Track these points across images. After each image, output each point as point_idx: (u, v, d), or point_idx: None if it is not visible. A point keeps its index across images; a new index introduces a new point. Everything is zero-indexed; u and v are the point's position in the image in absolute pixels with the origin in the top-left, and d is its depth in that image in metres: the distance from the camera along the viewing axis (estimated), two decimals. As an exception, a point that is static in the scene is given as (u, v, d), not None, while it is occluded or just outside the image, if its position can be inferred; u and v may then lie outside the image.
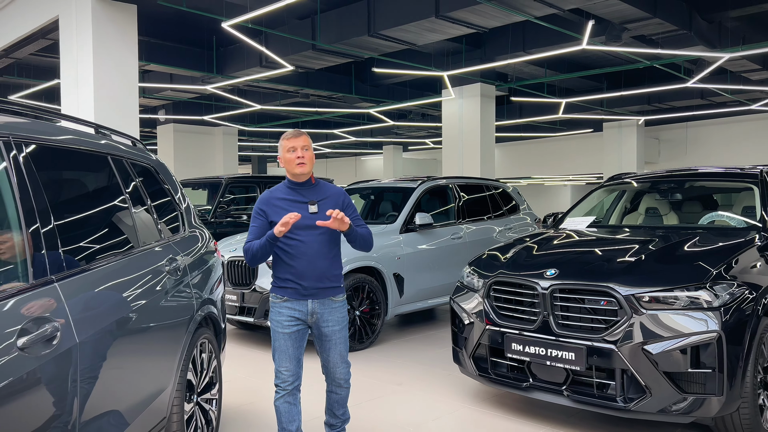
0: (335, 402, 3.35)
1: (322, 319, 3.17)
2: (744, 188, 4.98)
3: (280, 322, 3.15)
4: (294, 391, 3.17)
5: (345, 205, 3.25)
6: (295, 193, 3.19)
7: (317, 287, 3.14)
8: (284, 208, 3.12)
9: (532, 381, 3.86)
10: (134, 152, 3.35)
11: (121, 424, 2.42)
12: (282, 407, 3.15)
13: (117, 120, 7.08)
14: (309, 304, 3.15)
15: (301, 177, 3.18)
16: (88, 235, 2.56)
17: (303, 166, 3.14)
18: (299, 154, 3.13)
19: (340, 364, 3.27)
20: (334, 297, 3.21)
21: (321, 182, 3.30)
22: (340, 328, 3.23)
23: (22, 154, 2.18)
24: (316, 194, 3.21)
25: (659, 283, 3.57)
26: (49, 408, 1.94)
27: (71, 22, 7.38)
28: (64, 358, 2.02)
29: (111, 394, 2.34)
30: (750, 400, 3.48)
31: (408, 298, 6.57)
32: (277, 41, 10.07)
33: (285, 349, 3.14)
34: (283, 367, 3.14)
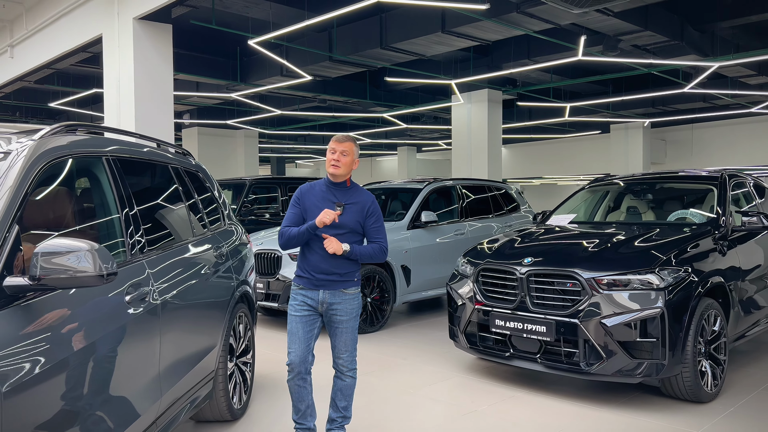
0: (339, 390, 3.51)
1: (331, 308, 3.40)
2: (706, 189, 5.67)
3: (294, 306, 3.43)
4: (303, 375, 3.42)
5: (368, 212, 3.44)
6: (329, 192, 3.44)
7: (328, 280, 3.38)
8: (316, 204, 3.40)
9: (512, 351, 4.61)
10: (185, 160, 4.16)
11: (187, 367, 3.22)
12: (293, 388, 3.44)
13: (155, 126, 7.90)
14: (320, 294, 3.39)
15: (335, 178, 3.43)
16: (160, 224, 3.36)
17: (336, 168, 3.38)
18: (336, 157, 3.37)
19: (344, 352, 3.45)
20: (345, 289, 3.42)
21: (356, 187, 3.51)
22: (347, 318, 3.42)
23: (116, 166, 2.98)
24: (348, 197, 3.43)
25: (615, 268, 4.31)
26: (144, 345, 2.74)
27: (114, 39, 8.23)
28: (152, 312, 2.82)
29: (181, 344, 3.13)
30: (690, 366, 4.20)
31: (414, 288, 7.33)
32: (296, 53, 10.89)
33: (295, 331, 3.40)
34: (292, 348, 3.40)
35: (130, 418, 2.59)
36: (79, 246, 2.04)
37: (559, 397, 4.52)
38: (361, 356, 5.63)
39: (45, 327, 2.07)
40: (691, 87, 12.70)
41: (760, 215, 5.14)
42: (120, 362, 2.51)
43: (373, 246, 3.45)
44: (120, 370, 2.51)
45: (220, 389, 3.78)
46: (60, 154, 2.51)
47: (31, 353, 1.96)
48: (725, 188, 5.44)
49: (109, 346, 2.43)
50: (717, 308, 4.52)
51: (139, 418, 2.65)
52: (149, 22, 7.97)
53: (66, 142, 2.61)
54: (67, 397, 2.13)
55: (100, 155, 2.88)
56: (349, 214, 3.38)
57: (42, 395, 1.98)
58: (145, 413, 2.72)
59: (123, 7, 8.03)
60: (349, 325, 3.44)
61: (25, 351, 1.94)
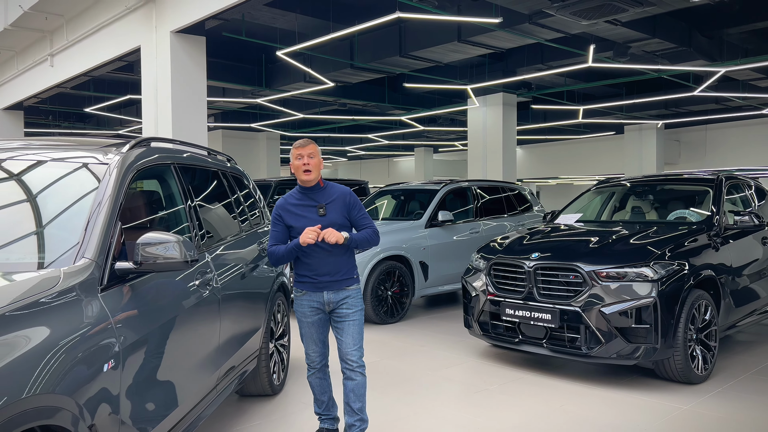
0: (351, 390, 3.47)
1: (337, 306, 3.48)
2: (704, 190, 6.12)
3: (303, 313, 3.50)
4: (323, 368, 3.57)
5: (350, 205, 3.49)
6: (305, 197, 3.46)
7: (330, 280, 3.44)
8: (297, 213, 3.43)
9: (521, 337, 5.11)
10: (230, 165, 4.71)
11: (238, 344, 3.77)
12: (314, 382, 3.60)
13: (190, 132, 8.50)
14: (324, 295, 3.45)
15: (308, 183, 3.44)
16: (214, 221, 3.92)
17: (309, 173, 3.40)
18: (305, 161, 3.38)
19: (353, 347, 3.47)
20: (347, 287, 3.49)
21: (329, 184, 3.54)
22: (352, 312, 3.48)
23: (181, 172, 3.54)
24: (325, 197, 3.46)
25: (614, 262, 4.79)
26: (209, 322, 3.29)
27: (151, 51, 8.84)
28: (214, 294, 3.37)
29: (234, 323, 3.69)
30: (681, 350, 4.67)
31: (432, 282, 7.85)
32: (319, 61, 11.45)
33: (310, 335, 3.53)
34: (311, 349, 3.55)
35: (204, 377, 3.15)
36: (168, 238, 2.59)
37: (563, 379, 5.01)
38: (382, 343, 6.20)
39: (144, 301, 2.62)
40: (701, 90, 13.05)
41: (751, 214, 5.59)
42: (194, 332, 3.07)
43: (367, 231, 3.51)
44: (194, 339, 3.07)
45: (263, 366, 4.33)
46: (142, 164, 3.06)
47: (137, 320, 2.51)
48: (720, 189, 5.88)
49: (187, 318, 2.99)
50: (708, 299, 4.98)
51: (209, 377, 3.21)
52: (185, 34, 8.56)
53: (145, 153, 3.16)
54: (161, 353, 2.69)
55: (169, 163, 3.44)
56: (333, 211, 3.43)
57: (145, 351, 2.53)
58: (210, 377, 3.28)
59: (160, 21, 8.63)
60: (355, 317, 3.49)
61: (134, 318, 2.49)
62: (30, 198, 2.68)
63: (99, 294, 2.34)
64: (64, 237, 2.46)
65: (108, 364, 2.22)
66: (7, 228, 2.53)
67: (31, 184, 2.75)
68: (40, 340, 1.94)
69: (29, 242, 2.48)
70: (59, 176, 2.79)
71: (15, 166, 2.84)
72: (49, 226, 2.56)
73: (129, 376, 2.38)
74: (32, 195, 2.69)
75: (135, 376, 2.42)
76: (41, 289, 2.10)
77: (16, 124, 15.30)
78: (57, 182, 2.75)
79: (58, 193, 2.73)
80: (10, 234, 2.49)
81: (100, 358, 2.19)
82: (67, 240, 2.44)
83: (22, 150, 2.99)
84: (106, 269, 2.43)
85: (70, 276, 2.25)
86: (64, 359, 1.99)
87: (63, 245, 2.42)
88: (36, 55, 12.48)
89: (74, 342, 2.07)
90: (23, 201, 2.67)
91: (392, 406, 4.39)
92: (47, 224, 2.57)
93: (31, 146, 3.07)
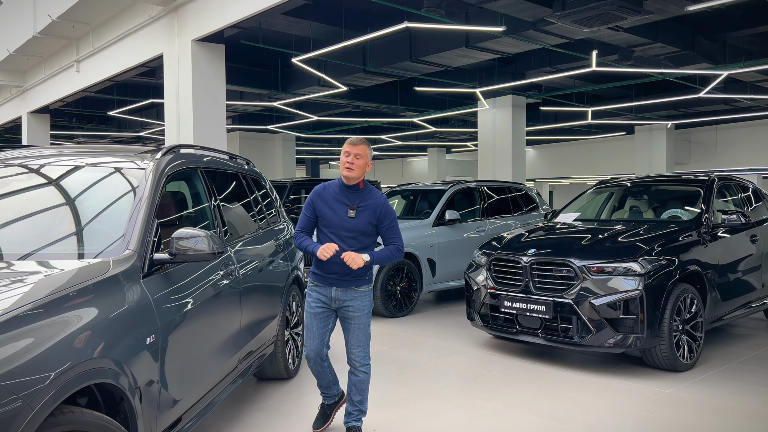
0: (353, 385, 3.64)
1: (344, 305, 3.54)
2: (695, 191, 6.44)
3: (309, 303, 3.62)
4: (320, 362, 3.67)
5: (381, 215, 3.52)
6: (342, 194, 3.53)
7: (339, 278, 3.50)
8: (330, 206, 3.51)
9: (518, 327, 5.49)
10: (249, 168, 5.14)
11: (257, 329, 4.19)
12: (314, 370, 3.74)
13: (210, 135, 8.96)
14: (333, 291, 3.53)
15: (348, 180, 3.50)
16: (235, 219, 4.34)
17: (350, 171, 3.45)
18: (350, 160, 3.45)
19: (356, 348, 3.57)
20: (357, 287, 3.53)
21: (369, 188, 3.57)
22: (359, 315, 3.54)
23: (207, 175, 3.97)
24: (360, 199, 3.51)
25: (604, 257, 5.15)
26: (231, 308, 3.71)
27: (173, 58, 9.31)
28: (235, 284, 3.79)
29: (253, 311, 4.10)
30: (667, 340, 5.01)
31: (439, 278, 8.23)
32: (333, 66, 11.87)
33: (310, 326, 3.61)
34: (308, 342, 3.64)
35: (226, 357, 3.58)
36: (198, 233, 3.00)
37: (557, 366, 5.38)
38: (391, 335, 6.59)
39: (178, 287, 3.05)
40: (707, 92, 13.28)
41: (738, 213, 5.91)
42: (218, 317, 3.50)
43: (390, 248, 3.56)
44: (218, 323, 3.50)
45: (280, 351, 4.75)
46: (173, 169, 3.49)
47: (172, 303, 2.93)
48: (710, 190, 6.21)
49: (213, 304, 3.42)
50: (693, 292, 5.32)
51: (231, 358, 3.64)
52: (205, 43, 9.02)
53: (175, 159, 3.59)
54: (191, 333, 3.11)
55: (196, 167, 3.87)
56: (362, 216, 3.48)
57: (179, 330, 2.96)
58: (231, 358, 3.70)
59: (182, 30, 9.10)
60: (361, 321, 3.54)
61: (170, 301, 2.92)
62: (82, 198, 3.12)
63: (141, 280, 2.76)
64: (112, 232, 2.89)
65: (150, 338, 2.65)
66: (64, 223, 2.97)
67: (82, 187, 3.19)
68: (97, 314, 2.36)
69: (84, 235, 2.91)
70: (105, 180, 3.22)
71: (69, 171, 3.28)
72: (99, 223, 2.99)
73: (166, 349, 2.80)
74: (83, 195, 3.13)
75: (170, 350, 2.84)
76: (96, 274, 2.52)
77: (43, 126, 15.92)
78: (103, 185, 3.19)
79: (104, 193, 3.16)
80: (67, 228, 2.93)
81: (144, 332, 2.62)
82: (114, 234, 2.87)
83: (71, 156, 3.43)
84: (146, 259, 2.85)
85: (118, 264, 2.68)
86: (116, 331, 2.42)
87: (111, 239, 2.85)
88: (63, 61, 13.05)
89: (123, 317, 2.50)
90: (77, 200, 3.11)
91: (397, 388, 4.79)
92: (98, 221, 3.00)
93: (79, 153, 3.51)
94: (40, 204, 3.09)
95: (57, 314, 2.19)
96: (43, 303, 2.18)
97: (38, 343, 2.04)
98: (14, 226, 2.95)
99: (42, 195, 3.14)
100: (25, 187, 3.20)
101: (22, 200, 3.14)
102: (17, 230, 2.93)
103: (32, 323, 2.08)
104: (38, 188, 3.18)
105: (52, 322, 2.15)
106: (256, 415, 4.19)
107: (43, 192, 3.16)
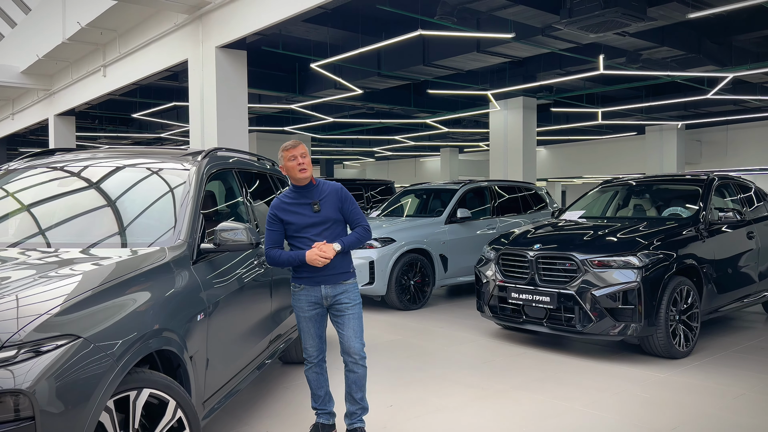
0: (353, 382, 3.61)
1: (335, 300, 3.57)
2: (694, 189, 6.78)
3: (301, 308, 3.60)
4: (320, 363, 3.68)
5: (342, 199, 3.59)
6: (300, 195, 3.57)
7: (327, 274, 3.53)
8: (293, 211, 3.54)
9: (524, 317, 5.87)
10: (274, 168, 5.57)
11: (284, 315, 4.60)
12: (311, 376, 3.69)
13: (233, 137, 9.42)
14: (322, 289, 3.55)
15: (303, 181, 3.54)
16: (265, 214, 4.77)
17: (304, 172, 3.50)
18: (299, 161, 3.48)
19: (354, 339, 3.56)
20: (344, 281, 3.58)
21: (320, 182, 3.63)
22: (352, 305, 3.58)
23: (243, 177, 4.40)
24: (318, 194, 3.56)
25: (604, 251, 5.52)
26: (264, 293, 4.14)
27: (198, 64, 9.78)
28: (267, 273, 4.22)
29: (281, 297, 4.53)
30: (663, 329, 5.37)
31: (451, 274, 8.62)
32: (348, 70, 12.30)
33: (308, 329, 3.62)
34: (309, 344, 3.64)
35: (259, 337, 4.01)
36: (238, 226, 3.42)
37: (560, 354, 5.76)
38: (405, 326, 7.00)
39: (220, 272, 3.48)
40: (714, 93, 13.55)
41: (734, 211, 6.25)
42: (253, 300, 3.93)
43: (358, 230, 3.61)
44: (253, 306, 3.93)
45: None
46: (212, 169, 3.92)
47: (216, 286, 3.36)
48: (709, 189, 6.55)
49: (249, 289, 3.85)
50: (689, 285, 5.67)
51: (263, 339, 4.07)
52: (228, 49, 9.47)
53: (213, 161, 4.02)
54: (232, 313, 3.54)
55: (231, 168, 4.30)
56: (327, 207, 3.55)
57: (222, 310, 3.38)
58: (263, 339, 4.13)
59: (206, 36, 9.56)
60: (355, 311, 3.58)
61: (214, 284, 3.35)
62: (138, 195, 3.57)
63: (191, 266, 3.19)
64: (164, 225, 3.33)
65: (200, 315, 3.08)
66: (126, 216, 3.42)
67: (138, 186, 3.64)
68: (158, 292, 2.80)
69: (142, 227, 3.35)
70: (156, 179, 3.67)
71: (125, 172, 3.74)
72: (153, 217, 3.43)
73: (212, 325, 3.23)
74: (139, 193, 3.59)
75: (215, 327, 3.27)
76: (156, 260, 2.96)
77: (69, 128, 16.51)
78: (155, 184, 3.64)
79: (156, 191, 3.61)
80: (128, 221, 3.38)
81: (195, 309, 3.05)
82: (166, 227, 3.31)
83: (124, 158, 3.88)
84: (195, 248, 3.28)
85: (172, 251, 3.11)
86: (173, 307, 2.85)
87: (164, 230, 3.29)
88: (90, 65, 13.60)
89: (180, 297, 2.93)
90: (134, 197, 3.56)
91: (411, 372, 5.20)
92: (152, 215, 3.44)
93: (130, 155, 3.97)
94: (102, 201, 3.54)
95: (130, 292, 2.63)
96: (119, 282, 2.61)
97: (118, 314, 2.48)
98: (83, 218, 3.41)
99: (103, 193, 3.59)
100: (89, 185, 3.65)
101: (87, 197, 3.59)
102: (86, 222, 3.38)
103: (113, 298, 2.52)
104: (99, 187, 3.62)
105: (127, 298, 2.59)
106: (282, 393, 4.62)
107: (104, 190, 3.60)
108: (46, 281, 2.47)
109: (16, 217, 3.52)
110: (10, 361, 2.03)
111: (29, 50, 14.67)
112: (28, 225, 3.43)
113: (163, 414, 2.61)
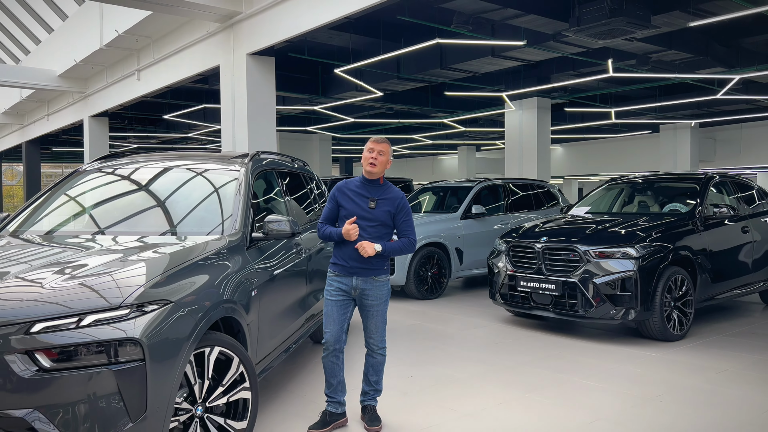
0: (370, 366, 3.86)
1: (363, 294, 3.72)
2: (693, 187, 7.29)
3: (330, 292, 3.78)
4: (336, 353, 3.78)
5: (398, 208, 3.72)
6: (363, 188, 3.74)
7: (360, 267, 3.69)
8: (351, 198, 3.72)
9: (532, 303, 6.44)
10: (306, 168, 6.20)
11: (317, 298, 5.24)
12: (327, 363, 3.81)
13: (262, 138, 10.08)
14: (353, 280, 3.70)
15: (370, 175, 3.70)
16: (300, 209, 5.41)
17: (372, 167, 3.67)
18: (374, 156, 3.66)
19: (375, 333, 3.78)
20: (376, 277, 3.72)
21: (388, 184, 3.76)
22: (378, 303, 3.73)
23: (280, 176, 5.04)
24: (380, 193, 3.73)
25: (605, 243, 6.07)
26: (300, 277, 4.78)
27: (229, 69, 10.45)
28: (304, 259, 4.85)
29: (315, 280, 5.16)
30: (658, 314, 5.91)
31: (466, 266, 9.21)
32: (369, 74, 12.92)
33: (330, 313, 3.76)
34: (328, 329, 3.76)
35: (297, 315, 4.65)
36: (282, 218, 4.06)
37: (565, 336, 6.33)
38: (422, 313, 7.61)
39: (268, 257, 4.12)
40: (723, 93, 13.93)
41: (728, 207, 6.77)
42: (293, 282, 4.57)
43: (403, 240, 3.73)
44: (293, 287, 4.57)
45: (333, 318, 5.80)
46: (258, 169, 4.56)
47: (265, 268, 4.00)
48: (706, 186, 7.06)
49: (290, 271, 4.49)
50: (684, 274, 6.20)
51: (300, 317, 4.71)
52: (258, 56, 10.14)
53: (257, 162, 4.65)
54: (277, 291, 4.17)
55: (272, 169, 4.95)
56: (381, 207, 3.69)
57: (270, 288, 4.02)
58: (300, 317, 4.77)
59: (237, 44, 10.23)
60: (379, 309, 3.74)
61: (263, 266, 3.99)
62: (201, 192, 4.24)
63: (245, 251, 3.83)
64: (223, 216, 3.97)
65: (254, 291, 3.72)
66: (189, 211, 4.08)
67: (199, 184, 4.30)
68: (224, 270, 3.44)
69: (205, 218, 4.01)
70: (213, 178, 4.33)
71: (186, 172, 4.41)
72: (213, 210, 4.08)
73: (262, 300, 3.87)
74: (201, 190, 4.25)
75: (264, 302, 3.90)
76: (219, 245, 3.60)
77: (102, 129, 17.35)
78: (212, 181, 4.30)
79: (215, 189, 4.26)
80: (195, 213, 4.04)
81: (250, 286, 3.69)
82: (225, 218, 3.95)
83: (182, 161, 4.55)
84: (248, 236, 3.92)
85: (231, 238, 3.75)
86: (235, 282, 3.49)
87: (223, 221, 3.93)
88: (124, 70, 14.37)
89: (238, 274, 3.57)
90: (198, 193, 4.22)
91: (429, 351, 5.81)
92: (212, 209, 4.10)
93: (187, 158, 4.63)
94: (173, 197, 4.21)
95: (203, 269, 3.28)
96: (194, 262, 3.26)
97: (197, 286, 3.12)
98: (154, 211, 4.08)
99: (173, 190, 4.26)
100: (159, 184, 4.32)
101: (159, 193, 4.27)
102: (158, 214, 4.05)
103: (191, 275, 3.16)
104: (167, 185, 4.30)
105: (202, 274, 3.23)
106: (312, 367, 5.25)
107: (172, 188, 4.27)
108: (139, 260, 3.13)
109: (103, 209, 4.21)
110: (125, 318, 2.67)
111: (66, 55, 15.50)
112: (114, 216, 4.11)
113: (229, 368, 3.25)
